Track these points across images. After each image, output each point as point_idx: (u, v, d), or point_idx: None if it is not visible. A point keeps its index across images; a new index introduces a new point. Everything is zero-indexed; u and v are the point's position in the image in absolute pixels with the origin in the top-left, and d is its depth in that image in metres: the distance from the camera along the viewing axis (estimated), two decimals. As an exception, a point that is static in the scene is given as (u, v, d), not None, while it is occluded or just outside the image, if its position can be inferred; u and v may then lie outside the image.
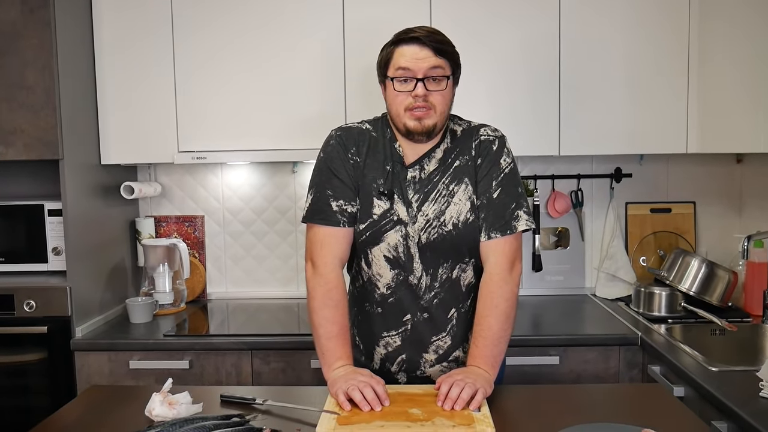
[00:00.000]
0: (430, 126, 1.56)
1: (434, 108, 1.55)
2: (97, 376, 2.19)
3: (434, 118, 1.56)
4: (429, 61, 1.53)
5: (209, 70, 2.39)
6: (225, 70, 2.39)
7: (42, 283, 2.26)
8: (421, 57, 1.53)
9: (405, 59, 1.54)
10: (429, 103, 1.55)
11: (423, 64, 1.53)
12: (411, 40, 1.54)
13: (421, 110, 1.55)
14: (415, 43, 1.54)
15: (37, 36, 2.14)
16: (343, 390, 1.46)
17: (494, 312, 1.56)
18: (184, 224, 2.78)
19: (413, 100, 1.54)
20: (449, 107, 1.61)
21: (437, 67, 1.54)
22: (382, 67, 1.60)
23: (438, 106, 1.56)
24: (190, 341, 2.20)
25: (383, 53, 1.61)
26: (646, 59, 2.36)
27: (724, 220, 2.71)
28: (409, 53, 1.54)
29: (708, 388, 1.66)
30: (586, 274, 2.75)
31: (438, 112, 1.56)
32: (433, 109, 1.55)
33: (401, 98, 1.56)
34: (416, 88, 1.54)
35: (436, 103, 1.55)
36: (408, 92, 1.55)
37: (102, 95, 2.41)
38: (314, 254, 1.62)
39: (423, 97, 1.54)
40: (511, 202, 1.60)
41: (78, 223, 2.28)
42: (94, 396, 1.62)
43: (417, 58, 1.53)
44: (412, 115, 1.56)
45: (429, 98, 1.54)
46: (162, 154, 2.42)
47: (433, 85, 1.55)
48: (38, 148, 2.18)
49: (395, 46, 1.57)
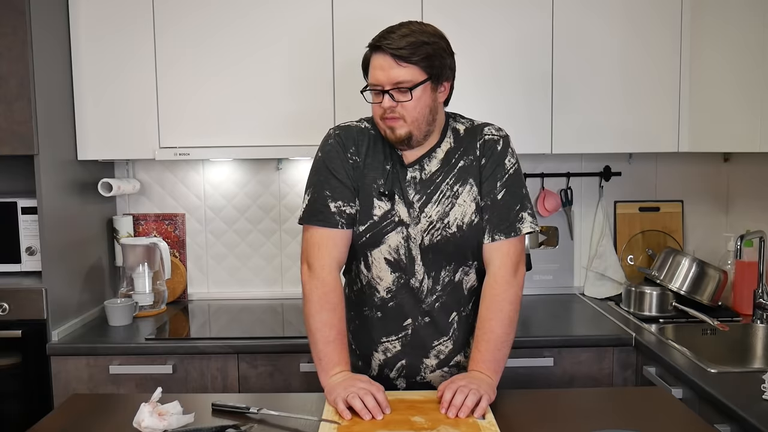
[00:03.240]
0: (402, 136, 1.52)
1: (403, 118, 1.50)
2: (75, 382, 2.09)
3: (405, 128, 1.51)
4: (392, 72, 1.47)
5: (192, 62, 2.30)
6: (209, 62, 2.30)
7: (15, 285, 2.15)
8: (385, 68, 1.48)
9: (374, 71, 1.50)
10: (397, 113, 1.50)
11: (388, 75, 1.47)
12: (377, 48, 1.49)
13: (390, 120, 1.51)
14: (380, 52, 1.48)
15: (11, 24, 2.03)
16: (342, 398, 1.41)
17: (498, 315, 1.52)
18: (163, 222, 2.69)
19: (383, 110, 1.51)
20: (426, 113, 1.52)
21: (400, 80, 1.47)
22: (364, 72, 1.56)
23: (408, 115, 1.50)
24: (173, 345, 2.11)
25: (363, 59, 1.56)
26: (639, 58, 2.34)
27: (711, 218, 2.72)
28: (377, 64, 1.49)
29: (709, 390, 1.64)
30: (574, 274, 2.73)
31: (409, 121, 1.51)
32: (403, 118, 1.50)
33: (375, 108, 1.54)
34: (383, 100, 1.50)
35: (405, 113, 1.50)
36: (379, 103, 1.51)
37: (79, 88, 2.31)
38: (311, 256, 1.56)
39: (391, 108, 1.49)
40: (515, 203, 1.57)
41: (53, 222, 2.18)
42: (77, 405, 1.53)
43: (382, 70, 1.48)
44: (385, 124, 1.53)
45: (397, 108, 1.50)
46: (142, 149, 2.32)
47: (400, 95, 1.49)
48: (11, 143, 2.07)
49: (370, 52, 1.52)
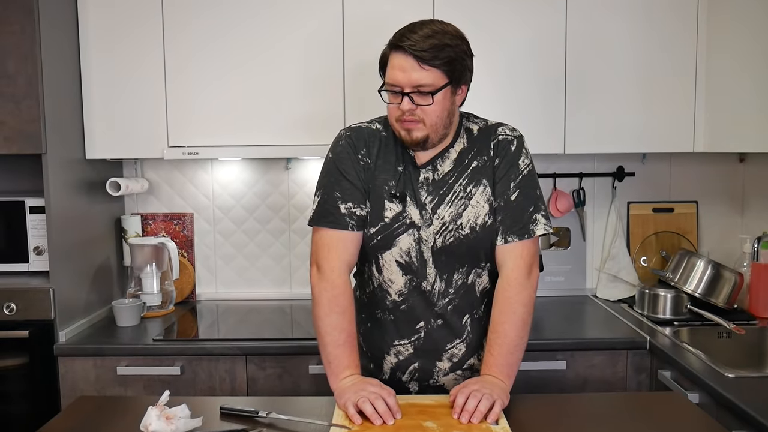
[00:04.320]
0: (419, 138, 1.49)
1: (423, 121, 1.47)
2: (82, 383, 2.08)
3: (424, 131, 1.48)
4: (414, 75, 1.43)
5: (201, 61, 2.28)
6: (218, 61, 2.28)
7: (23, 285, 2.14)
8: (406, 69, 1.43)
9: (393, 71, 1.46)
10: (416, 116, 1.46)
11: (409, 77, 1.43)
12: (399, 48, 1.45)
13: (408, 123, 1.47)
14: (401, 52, 1.44)
15: (19, 22, 2.01)
16: (353, 402, 1.38)
17: (511, 318, 1.49)
18: (172, 222, 2.67)
19: (401, 112, 1.47)
20: (444, 117, 1.49)
21: (422, 83, 1.44)
22: (381, 71, 1.53)
23: (427, 119, 1.47)
24: (181, 346, 2.09)
25: (381, 56, 1.52)
26: (653, 57, 2.30)
27: (727, 220, 2.67)
28: (397, 64, 1.45)
29: (727, 395, 1.60)
30: (587, 275, 2.69)
31: (428, 125, 1.47)
32: (422, 122, 1.47)
33: (392, 109, 1.50)
34: (402, 101, 1.46)
35: (424, 116, 1.46)
36: (397, 104, 1.47)
37: (87, 86, 2.29)
38: (320, 258, 1.53)
39: (410, 111, 1.46)
40: (529, 205, 1.53)
41: (61, 221, 2.16)
42: (83, 408, 1.51)
43: (403, 71, 1.44)
44: (401, 126, 1.49)
45: (416, 111, 1.46)
46: (151, 149, 2.30)
47: (420, 99, 1.45)
48: (19, 142, 2.05)
49: (390, 50, 1.48)
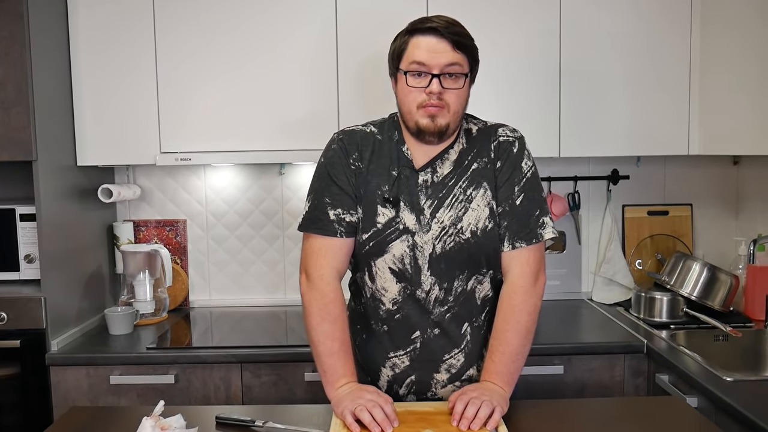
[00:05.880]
0: (443, 125, 1.45)
1: (448, 107, 1.43)
2: (74, 393, 2.05)
3: (447, 118, 1.44)
4: (447, 55, 1.40)
5: (193, 66, 2.26)
6: (210, 66, 2.26)
7: (14, 293, 2.11)
8: (438, 51, 1.40)
9: (420, 52, 1.41)
10: (443, 101, 1.42)
11: (440, 58, 1.40)
12: (428, 30, 1.41)
13: (435, 108, 1.42)
14: (432, 35, 1.41)
15: (8, 28, 1.99)
16: (350, 410, 1.36)
17: (515, 327, 1.46)
18: (164, 229, 2.64)
19: (427, 96, 1.42)
20: (464, 107, 1.49)
21: (455, 63, 1.41)
22: (395, 59, 1.47)
23: (452, 105, 1.44)
24: (175, 354, 2.07)
25: (396, 43, 1.48)
26: (648, 60, 2.30)
27: (722, 222, 2.67)
28: (425, 45, 1.41)
29: (726, 399, 1.59)
30: (582, 279, 2.69)
31: (452, 112, 1.44)
32: (447, 108, 1.43)
33: (414, 94, 1.44)
34: (431, 84, 1.41)
35: (450, 101, 1.43)
36: (422, 88, 1.42)
37: (78, 92, 2.26)
38: (309, 265, 1.50)
39: (437, 94, 1.41)
40: (534, 208, 1.50)
41: (52, 229, 2.13)
42: (76, 419, 1.49)
43: (434, 52, 1.40)
44: (425, 112, 1.43)
45: (443, 96, 1.42)
46: (143, 155, 2.28)
47: (450, 82, 1.42)
48: (9, 149, 2.03)
49: (410, 36, 1.44)
